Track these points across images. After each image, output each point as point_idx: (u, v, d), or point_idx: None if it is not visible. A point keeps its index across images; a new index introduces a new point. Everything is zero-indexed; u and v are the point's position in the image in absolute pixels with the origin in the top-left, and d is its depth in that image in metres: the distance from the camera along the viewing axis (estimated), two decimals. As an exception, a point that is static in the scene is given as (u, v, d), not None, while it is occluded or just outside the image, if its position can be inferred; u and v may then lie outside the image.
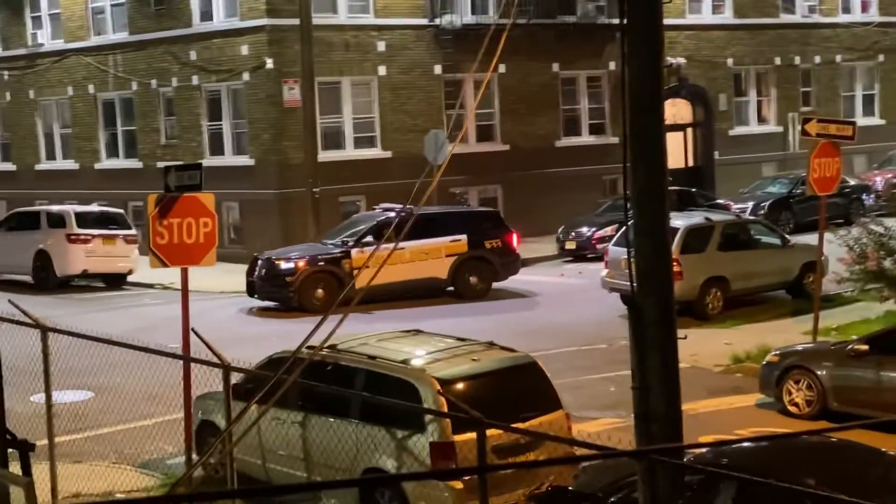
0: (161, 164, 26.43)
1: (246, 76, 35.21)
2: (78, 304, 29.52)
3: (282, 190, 34.60)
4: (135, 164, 38.71)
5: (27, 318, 12.91)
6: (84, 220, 32.09)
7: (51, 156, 42.07)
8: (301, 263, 27.61)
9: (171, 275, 21.91)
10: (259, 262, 28.08)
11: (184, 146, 37.04)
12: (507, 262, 28.97)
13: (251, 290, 28.10)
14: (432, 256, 28.00)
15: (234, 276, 32.25)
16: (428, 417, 12.47)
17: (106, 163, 40.03)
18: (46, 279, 31.45)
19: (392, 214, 28.03)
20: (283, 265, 27.75)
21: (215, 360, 11.37)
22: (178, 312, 14.35)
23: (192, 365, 13.23)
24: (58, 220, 31.96)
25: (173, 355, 12.82)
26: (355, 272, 26.50)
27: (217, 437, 13.00)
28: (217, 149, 36.46)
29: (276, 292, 27.57)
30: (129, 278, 32.15)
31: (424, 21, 37.32)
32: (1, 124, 43.98)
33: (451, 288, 28.46)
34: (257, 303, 28.01)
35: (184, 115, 37.20)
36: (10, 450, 11.15)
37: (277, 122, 34.81)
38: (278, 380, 9.37)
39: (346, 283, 26.63)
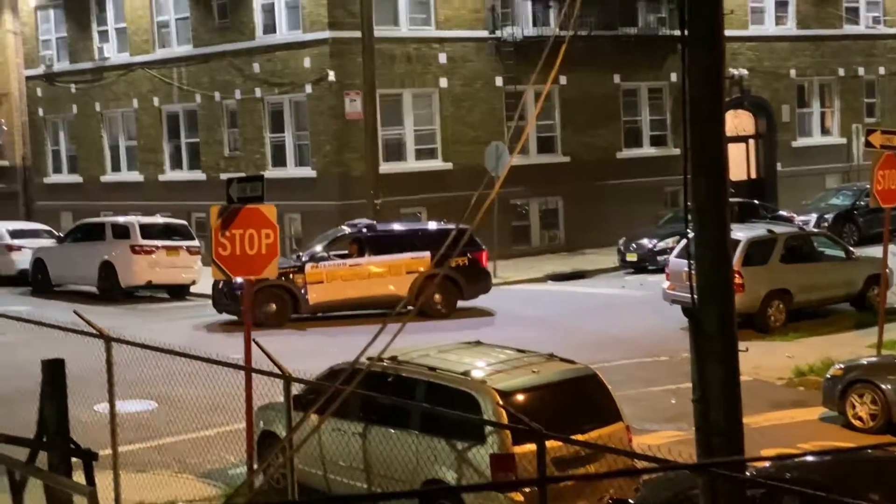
0: (224, 176, 26.64)
1: (308, 88, 35.40)
2: (142, 315, 29.75)
3: (343, 201, 34.72)
4: (198, 175, 39.02)
5: (91, 328, 13.01)
6: (148, 231, 32.34)
7: (116, 167, 42.49)
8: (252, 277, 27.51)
9: (234, 286, 22.05)
10: None
11: (246, 158, 37.28)
12: (474, 281, 27.85)
13: (213, 302, 27.66)
14: (392, 273, 27.25)
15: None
16: (488, 429, 12.44)
17: (170, 174, 40.38)
18: (111, 290, 31.73)
19: (347, 230, 28.14)
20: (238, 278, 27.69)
21: (277, 370, 11.40)
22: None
23: (254, 375, 13.29)
24: (122, 232, 32.24)
25: (235, 366, 12.88)
26: (307, 287, 26.86)
27: (276, 446, 13.05)
28: (279, 160, 36.67)
29: (230, 306, 26.98)
30: (193, 289, 32.35)
31: (485, 33, 37.35)
32: (68, 137, 44.49)
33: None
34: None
35: (247, 127, 37.46)
36: (73, 459, 11.25)
37: (339, 133, 34.95)
38: (338, 390, 9.39)
39: (299, 298, 26.96)
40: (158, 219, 34.33)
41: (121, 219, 34.16)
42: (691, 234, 8.67)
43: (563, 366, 13.81)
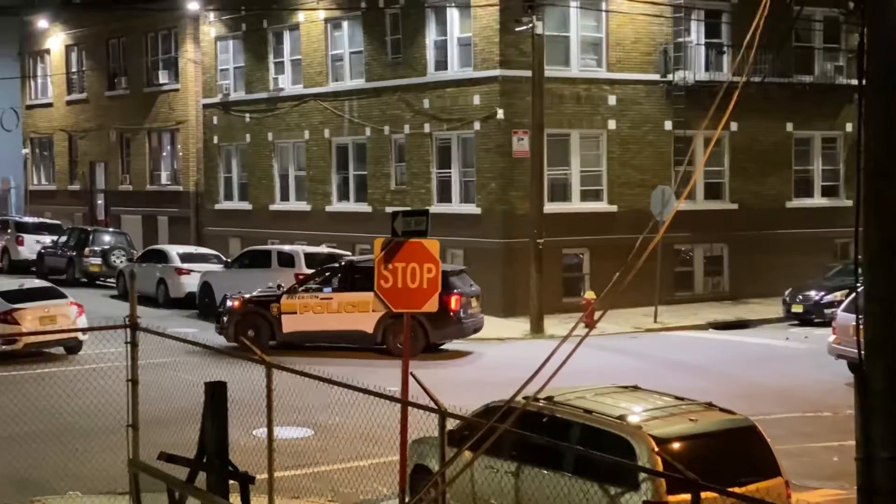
0: (389, 209, 26.91)
1: (477, 125, 35.63)
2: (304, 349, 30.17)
3: (506, 239, 34.81)
4: (364, 207, 39.54)
5: (254, 354, 13.26)
6: (312, 260, 32.88)
7: (285, 197, 43.32)
8: (236, 303, 28.78)
9: (394, 318, 22.25)
10: (224, 297, 29.61)
11: (412, 192, 37.66)
12: (440, 325, 27.39)
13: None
14: (359, 309, 27.47)
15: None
16: (642, 476, 12.29)
17: (336, 205, 40.99)
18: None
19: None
20: (228, 303, 29.10)
21: (432, 405, 11.45)
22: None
23: (410, 409, 13.36)
24: (288, 260, 32.85)
25: (391, 398, 12.97)
26: (282, 316, 28.20)
27: (428, 480, 13.09)
28: (445, 196, 36.94)
29: (220, 328, 28.89)
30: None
31: (656, 77, 37.15)
32: (240, 164, 45.53)
33: (383, 345, 27.75)
34: (474, 350, 28.12)
35: (414, 162, 37.84)
36: (231, 481, 11.45)
37: (505, 171, 35.07)
38: (492, 428, 9.38)
39: (274, 327, 28.33)
40: (323, 248, 34.89)
41: (287, 247, 34.80)
42: (861, 288, 8.47)
43: (722, 415, 13.57)
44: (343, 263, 29.62)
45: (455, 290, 27.67)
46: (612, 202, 36.68)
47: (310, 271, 32.18)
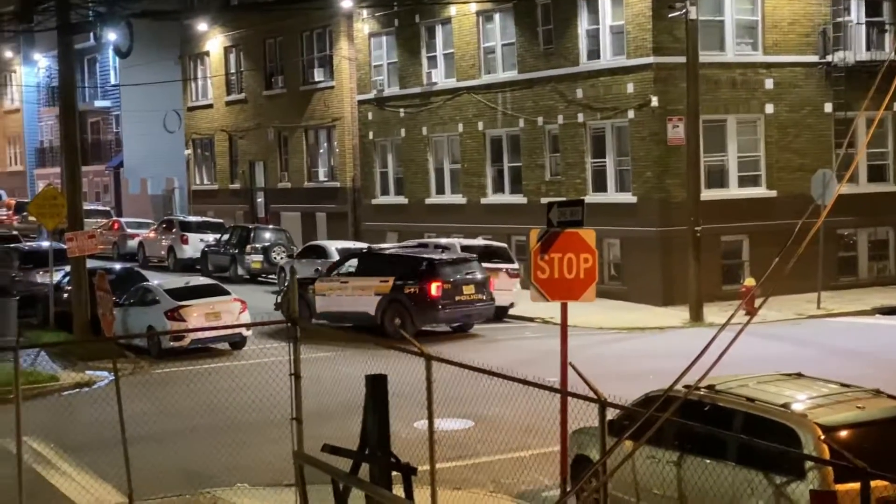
0: (545, 200, 26.90)
1: (630, 114, 35.37)
2: (461, 335, 30.35)
3: (663, 228, 34.49)
4: (519, 199, 39.56)
5: (413, 345, 13.37)
6: (469, 252, 32.99)
7: (440, 190, 43.57)
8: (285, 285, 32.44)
9: (551, 309, 22.23)
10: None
11: (567, 182, 37.55)
12: (421, 309, 29.41)
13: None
14: (366, 293, 30.18)
15: (613, 313, 32.43)
16: (808, 464, 12.08)
17: (492, 198, 41.09)
18: (432, 309, 32.49)
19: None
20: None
21: (592, 395, 11.41)
22: (556, 346, 14.52)
23: (569, 399, 13.34)
24: (445, 253, 33.00)
25: (551, 388, 12.96)
26: (315, 297, 31.08)
27: (589, 471, 13.05)
28: (600, 185, 36.76)
29: (276, 305, 32.47)
30: (511, 311, 32.81)
31: (815, 58, 36.41)
32: (395, 159, 45.95)
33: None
34: (633, 340, 27.92)
35: (568, 152, 37.73)
36: (394, 472, 11.58)
37: (661, 159, 34.74)
38: (653, 417, 9.32)
39: (310, 307, 30.92)
40: (479, 241, 35.00)
41: (443, 240, 35.00)
42: None
43: (891, 403, 13.25)
44: (363, 251, 33.28)
45: (440, 278, 29.53)
46: (770, 187, 36.07)
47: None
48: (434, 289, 29.41)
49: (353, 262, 31.75)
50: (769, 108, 36.06)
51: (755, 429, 12.59)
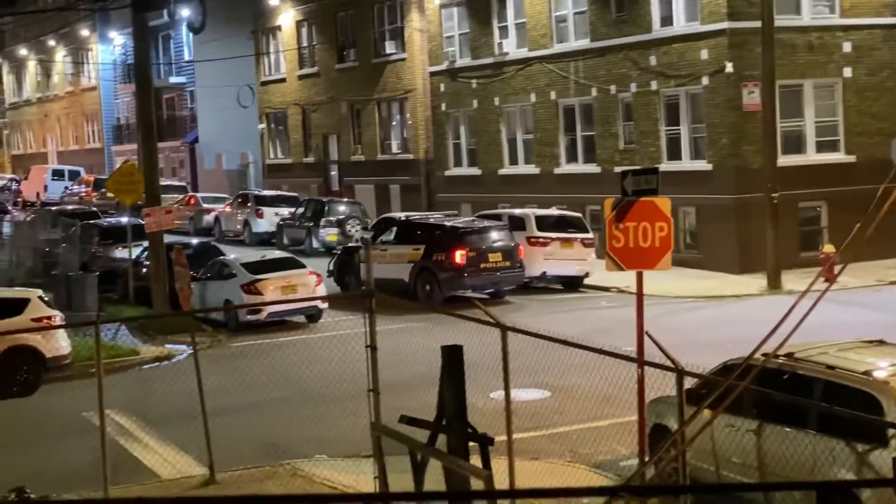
0: (618, 169, 26.74)
1: (705, 80, 35.02)
2: (537, 306, 30.36)
3: (739, 195, 34.16)
4: (593, 168, 39.37)
5: (488, 317, 13.38)
6: (543, 223, 33.00)
7: (513, 161, 43.47)
8: (338, 251, 34.57)
9: (627, 278, 22.14)
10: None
11: (641, 151, 37.31)
12: (447, 277, 30.25)
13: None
14: (401, 260, 31.05)
15: (690, 281, 32.24)
16: (891, 431, 11.95)
17: (565, 167, 40.94)
18: (507, 280, 32.46)
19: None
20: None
21: (669, 364, 11.36)
22: (632, 316, 14.47)
23: (646, 368, 13.29)
24: (519, 223, 32.98)
25: (627, 357, 12.92)
26: (360, 265, 31.07)
27: (667, 440, 13.01)
28: (674, 153, 36.48)
29: (328, 272, 33.00)
30: (586, 281, 32.73)
31: (893, 20, 35.80)
32: (468, 130, 45.89)
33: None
34: (709, 308, 27.70)
35: (642, 120, 37.47)
36: (471, 443, 11.61)
37: (736, 126, 34.40)
38: (731, 386, 9.25)
39: (356, 274, 31.72)
40: (554, 211, 34.91)
41: (517, 211, 34.94)
42: None
43: (974, 369, 13.06)
44: (401, 219, 33.93)
45: (465, 246, 30.23)
46: (849, 152, 35.59)
47: (541, 234, 32.45)
48: (458, 256, 30.17)
49: (394, 230, 32.60)
50: (847, 72, 35.55)
51: (836, 397, 12.48)
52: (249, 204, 48.73)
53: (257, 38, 60.00)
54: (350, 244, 34.95)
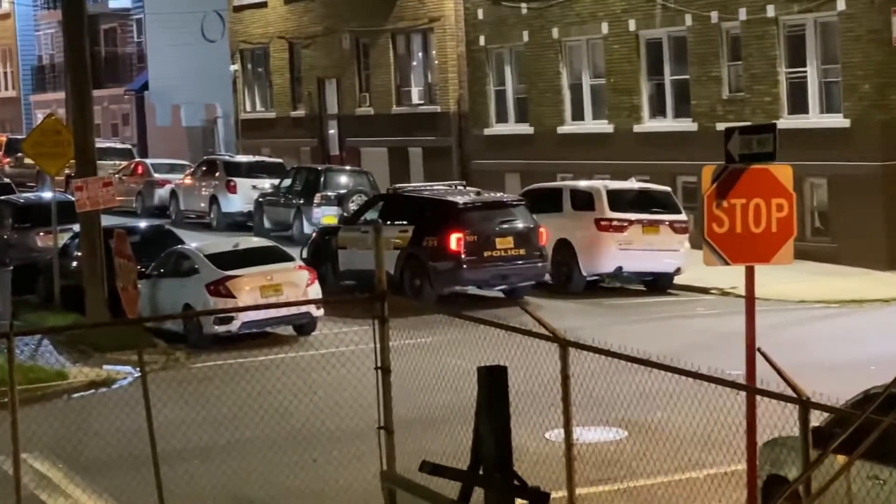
0: (722, 126, 26.70)
1: (841, 5, 34.93)
2: (608, 313, 30.35)
3: (888, 162, 34.08)
4: (687, 125, 39.32)
5: (543, 328, 13.35)
6: (619, 200, 32.84)
7: (578, 115, 43.43)
8: (315, 234, 35.61)
9: (733, 276, 22.10)
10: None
11: (753, 101, 37.25)
12: (441, 268, 30.23)
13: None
14: (386, 246, 29.37)
15: (819, 280, 32.18)
16: None
17: (648, 124, 40.90)
18: (569, 278, 32.41)
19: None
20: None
21: (790, 393, 11.34)
22: (740, 327, 14.44)
23: (759, 399, 13.26)
24: (585, 201, 32.92)
25: (733, 384, 12.90)
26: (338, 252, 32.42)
27: (783, 491, 12.98)
28: (798, 105, 36.42)
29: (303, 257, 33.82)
30: (677, 279, 32.68)
31: None
32: (516, 74, 45.82)
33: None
34: (846, 317, 27.73)
35: (754, 60, 37.39)
36: (518, 501, 11.62)
37: (883, 68, 34.33)
38: (874, 422, 9.23)
39: (334, 262, 32.47)
40: (633, 184, 34.84)
41: (583, 184, 34.90)
42: None
43: None
44: (388, 192, 34.38)
45: (463, 227, 30.23)
46: None
47: (616, 215, 32.29)
48: (454, 241, 30.16)
49: (380, 205, 32.91)
50: None
51: None
52: (218, 174, 48.83)
53: (229, -52, 60.22)
54: (332, 225, 35.62)
